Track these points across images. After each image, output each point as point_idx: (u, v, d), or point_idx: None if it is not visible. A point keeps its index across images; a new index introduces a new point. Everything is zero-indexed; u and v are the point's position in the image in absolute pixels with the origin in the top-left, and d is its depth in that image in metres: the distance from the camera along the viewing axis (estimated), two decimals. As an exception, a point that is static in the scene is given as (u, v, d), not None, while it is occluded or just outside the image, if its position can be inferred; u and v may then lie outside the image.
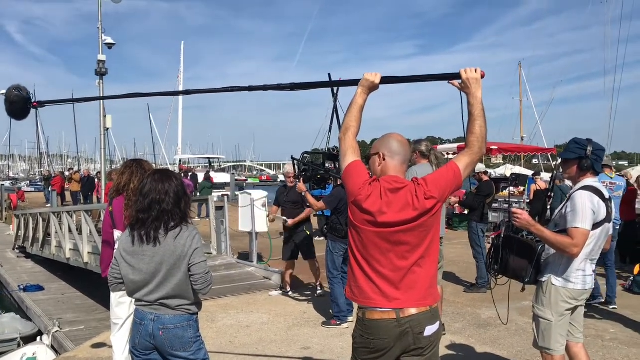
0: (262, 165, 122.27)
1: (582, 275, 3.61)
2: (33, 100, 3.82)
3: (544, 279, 3.70)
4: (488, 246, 6.76)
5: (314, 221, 15.77)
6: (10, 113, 3.88)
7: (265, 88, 3.27)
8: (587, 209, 3.48)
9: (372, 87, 2.84)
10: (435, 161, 5.37)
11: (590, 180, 3.64)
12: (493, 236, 4.16)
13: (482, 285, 8.06)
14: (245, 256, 11.08)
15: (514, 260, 3.81)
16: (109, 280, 3.26)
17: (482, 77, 2.70)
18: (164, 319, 3.06)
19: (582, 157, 3.65)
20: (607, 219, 3.60)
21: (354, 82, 2.89)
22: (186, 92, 3.68)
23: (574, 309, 3.70)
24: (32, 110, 3.90)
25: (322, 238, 14.40)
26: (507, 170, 24.38)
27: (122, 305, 4.53)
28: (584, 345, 3.84)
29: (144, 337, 3.08)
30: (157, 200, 3.05)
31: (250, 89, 3.32)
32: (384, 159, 2.70)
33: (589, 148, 3.63)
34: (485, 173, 9.54)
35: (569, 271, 3.60)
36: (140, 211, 3.09)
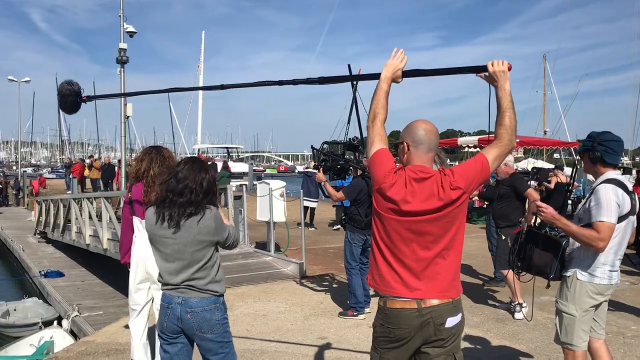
0: (280, 156, 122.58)
1: (608, 270, 3.55)
2: (82, 95, 3.92)
3: (568, 274, 3.64)
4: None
5: (332, 212, 15.80)
6: (62, 106, 4.00)
7: (295, 82, 3.31)
8: (612, 202, 3.42)
9: (396, 76, 2.78)
10: (438, 160, 5.21)
11: (612, 173, 3.58)
12: (514, 233, 4.11)
13: (501, 278, 7.98)
14: (262, 245, 11.10)
15: (538, 256, 3.76)
16: None
17: (509, 69, 2.67)
18: (192, 302, 3.10)
19: (589, 149, 3.62)
20: (632, 211, 3.54)
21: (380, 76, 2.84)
22: (221, 87, 3.68)
23: (598, 305, 3.63)
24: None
25: (337, 227, 14.45)
26: (529, 164, 24.05)
27: (140, 292, 4.56)
28: (605, 341, 3.78)
29: (172, 320, 3.11)
30: (190, 188, 3.11)
31: (281, 83, 3.37)
32: (408, 149, 2.65)
33: (597, 139, 3.59)
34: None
35: (594, 266, 3.54)
36: (171, 191, 3.13)
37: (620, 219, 3.47)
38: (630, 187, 3.58)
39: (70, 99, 3.93)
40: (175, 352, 3.18)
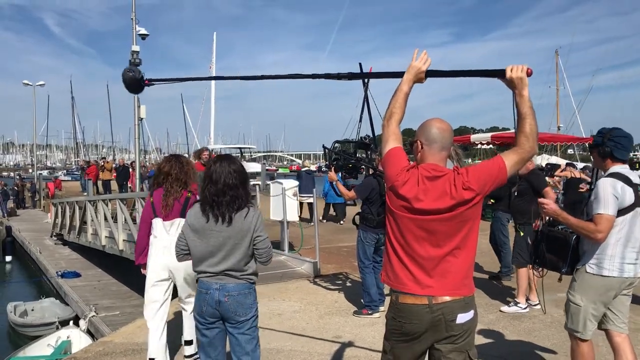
0: (292, 155, 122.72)
1: (619, 262, 3.58)
2: (145, 79, 4.04)
3: (579, 267, 3.73)
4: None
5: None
6: (128, 86, 4.09)
7: (326, 76, 3.32)
8: (609, 194, 3.50)
9: (419, 77, 2.77)
10: (455, 157, 5.19)
11: (617, 168, 3.65)
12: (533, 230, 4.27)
13: (506, 273, 8.03)
14: (276, 245, 11.11)
15: (551, 251, 3.92)
16: (176, 251, 3.50)
17: (529, 74, 2.60)
18: (229, 287, 3.35)
19: (599, 145, 3.70)
20: (637, 203, 3.58)
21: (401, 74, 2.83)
22: (261, 77, 3.67)
23: (611, 297, 3.65)
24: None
25: (335, 223, 14.39)
26: (544, 160, 23.85)
27: (156, 287, 4.63)
28: (628, 336, 3.79)
29: (210, 304, 3.34)
30: (228, 185, 3.34)
31: (314, 76, 3.38)
32: (422, 147, 2.67)
33: (606, 135, 3.66)
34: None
35: (601, 258, 3.60)
36: (215, 195, 3.33)
37: (623, 211, 3.53)
38: (636, 179, 3.62)
39: (135, 80, 4.04)
40: (213, 336, 3.43)
